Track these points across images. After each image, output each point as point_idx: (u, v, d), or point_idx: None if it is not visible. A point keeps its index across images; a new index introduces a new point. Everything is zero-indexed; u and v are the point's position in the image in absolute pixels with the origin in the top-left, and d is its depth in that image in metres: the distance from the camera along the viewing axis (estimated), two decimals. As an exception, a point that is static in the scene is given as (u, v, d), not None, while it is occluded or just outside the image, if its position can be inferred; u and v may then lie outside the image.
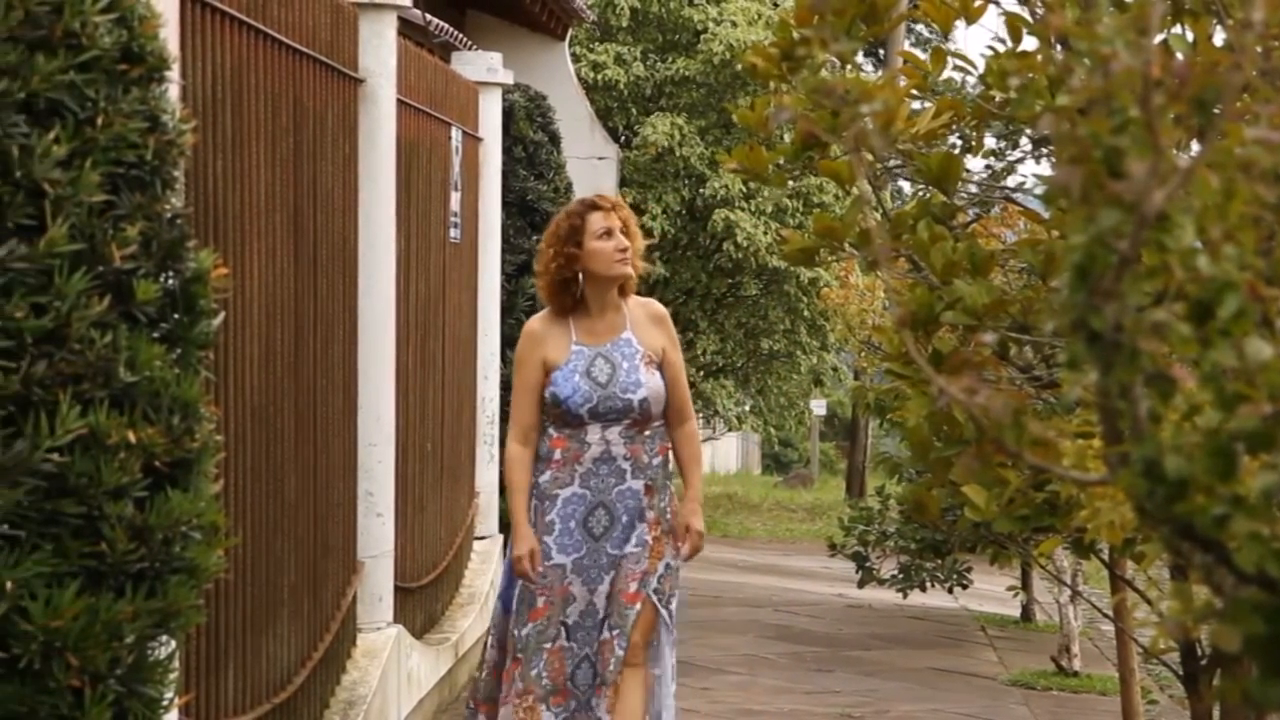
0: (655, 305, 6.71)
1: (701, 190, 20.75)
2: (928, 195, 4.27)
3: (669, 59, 21.13)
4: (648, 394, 6.42)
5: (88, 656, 3.17)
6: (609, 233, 6.45)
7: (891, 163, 4.53)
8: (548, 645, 6.40)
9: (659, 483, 6.49)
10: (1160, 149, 1.58)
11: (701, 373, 23.40)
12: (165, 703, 3.41)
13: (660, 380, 6.48)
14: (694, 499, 6.58)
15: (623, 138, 21.12)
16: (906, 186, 17.68)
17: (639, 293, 6.70)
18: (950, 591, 12.54)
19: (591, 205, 6.54)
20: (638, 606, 6.38)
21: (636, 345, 6.48)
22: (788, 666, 11.02)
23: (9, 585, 3.08)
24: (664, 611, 6.44)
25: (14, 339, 3.09)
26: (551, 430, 6.47)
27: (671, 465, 6.63)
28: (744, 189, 20.71)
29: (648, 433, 6.48)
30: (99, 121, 3.24)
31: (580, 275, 6.48)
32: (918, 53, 4.40)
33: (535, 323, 6.58)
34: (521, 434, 6.51)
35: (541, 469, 6.47)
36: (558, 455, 6.44)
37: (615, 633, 6.36)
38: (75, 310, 3.16)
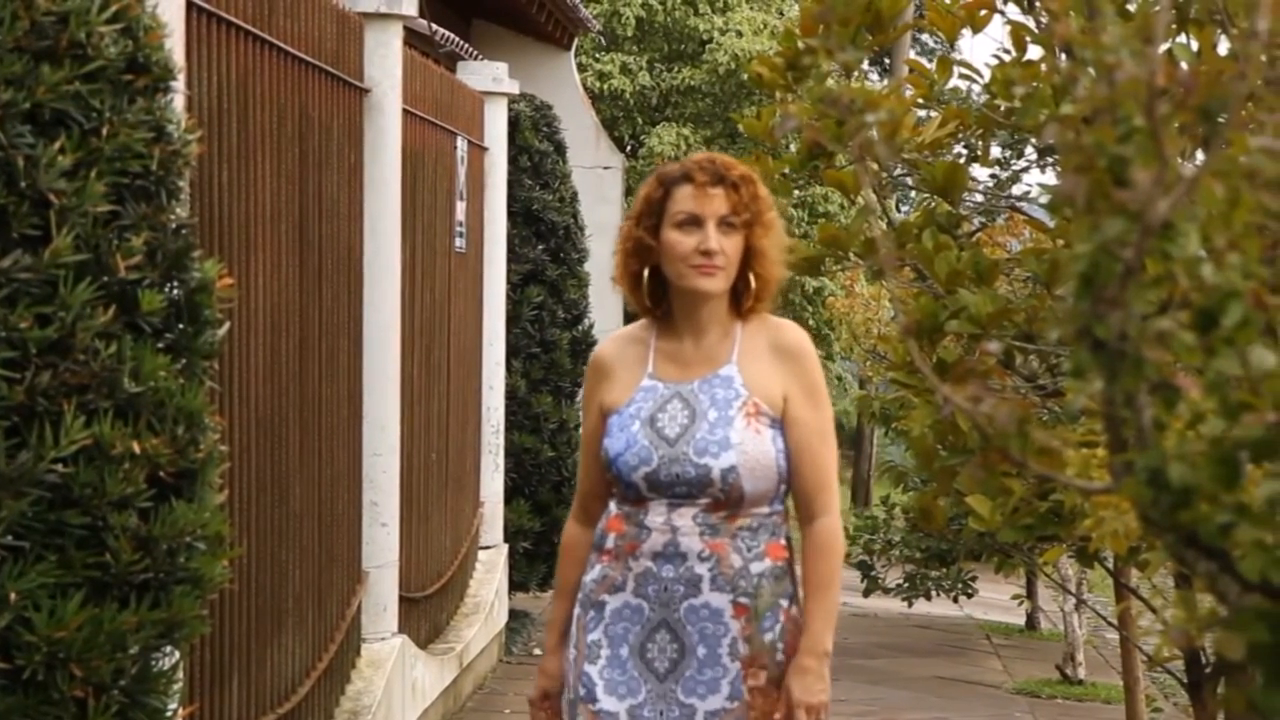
0: (791, 332, 4.25)
1: (706, 200, 20.75)
2: (933, 204, 4.28)
3: (674, 69, 21.16)
4: (738, 462, 4.05)
5: (92, 667, 3.17)
6: (695, 221, 4.08)
7: (897, 172, 4.54)
8: None
9: (761, 603, 4.11)
10: (1165, 158, 1.58)
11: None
12: (169, 713, 3.41)
13: (771, 445, 4.09)
14: (814, 647, 4.10)
15: (628, 147, 21.14)
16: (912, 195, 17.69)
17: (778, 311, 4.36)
18: (955, 600, 12.54)
19: (685, 175, 4.14)
20: None
21: (739, 387, 4.11)
22: (793, 676, 11.00)
23: (13, 596, 3.08)
24: None
25: (18, 349, 3.09)
26: (612, 505, 4.23)
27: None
28: (749, 198, 20.72)
29: (744, 522, 4.10)
30: (104, 132, 3.24)
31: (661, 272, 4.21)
32: (923, 62, 4.40)
33: (605, 346, 4.37)
34: (579, 508, 4.37)
35: (591, 562, 4.24)
36: (610, 543, 4.18)
37: None
38: (80, 320, 3.16)
